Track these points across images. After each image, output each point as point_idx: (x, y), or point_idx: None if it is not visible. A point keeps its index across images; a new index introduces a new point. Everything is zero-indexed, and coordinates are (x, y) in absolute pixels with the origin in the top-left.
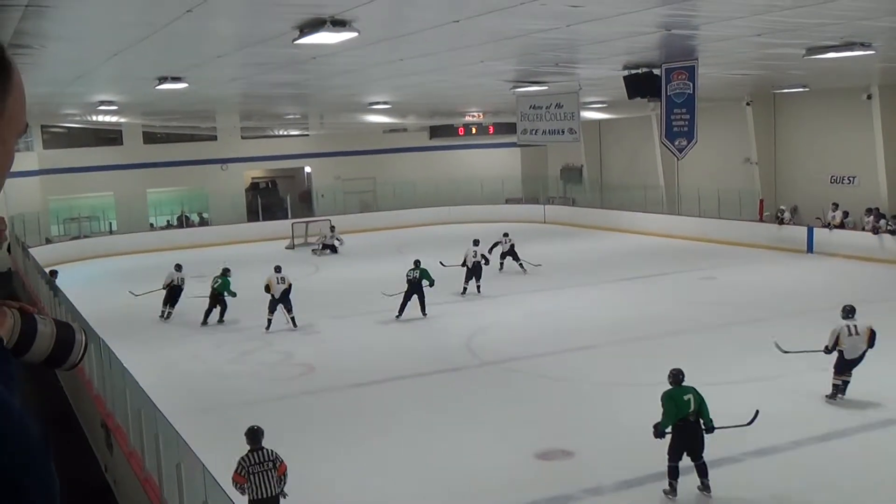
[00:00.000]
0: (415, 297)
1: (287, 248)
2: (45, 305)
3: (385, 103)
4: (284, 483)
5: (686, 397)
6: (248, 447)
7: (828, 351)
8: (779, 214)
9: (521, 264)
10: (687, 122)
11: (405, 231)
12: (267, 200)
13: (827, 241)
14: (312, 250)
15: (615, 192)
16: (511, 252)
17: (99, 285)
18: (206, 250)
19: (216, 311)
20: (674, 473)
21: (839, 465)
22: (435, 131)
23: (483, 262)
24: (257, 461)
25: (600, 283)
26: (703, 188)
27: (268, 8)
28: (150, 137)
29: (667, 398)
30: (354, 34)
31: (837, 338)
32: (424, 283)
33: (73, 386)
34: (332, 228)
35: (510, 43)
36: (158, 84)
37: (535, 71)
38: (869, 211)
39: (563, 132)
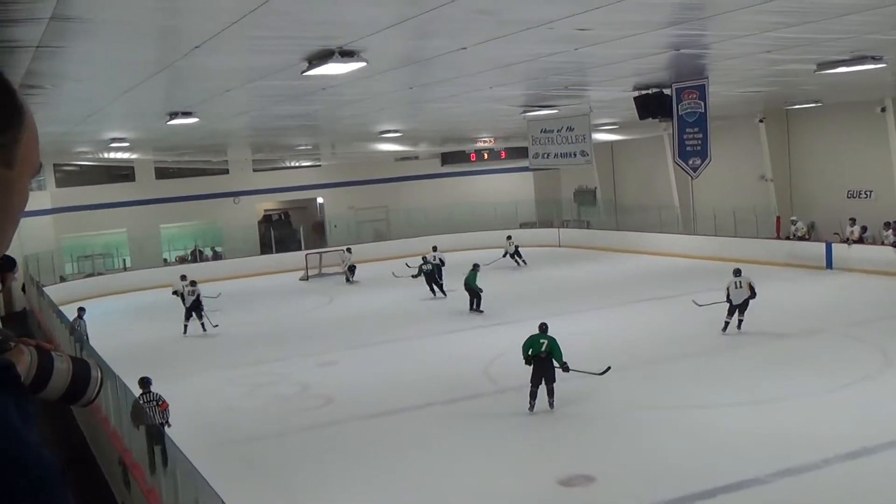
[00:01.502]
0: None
1: (301, 279)
2: (61, 343)
3: (396, 131)
4: (167, 417)
5: (541, 341)
6: (141, 391)
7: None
8: (793, 227)
9: (523, 260)
10: (700, 141)
11: (418, 259)
12: (280, 232)
13: (846, 256)
14: (347, 279)
15: (630, 214)
16: (516, 252)
17: (114, 322)
18: (220, 284)
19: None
20: (532, 395)
21: (868, 482)
22: (447, 158)
23: (441, 264)
24: (146, 401)
25: (618, 305)
26: (718, 207)
27: (275, 41)
28: (162, 173)
29: (527, 339)
30: (363, 64)
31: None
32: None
33: (89, 423)
34: (349, 250)
35: (519, 68)
36: (169, 119)
37: (545, 95)
38: (887, 225)
39: (575, 155)
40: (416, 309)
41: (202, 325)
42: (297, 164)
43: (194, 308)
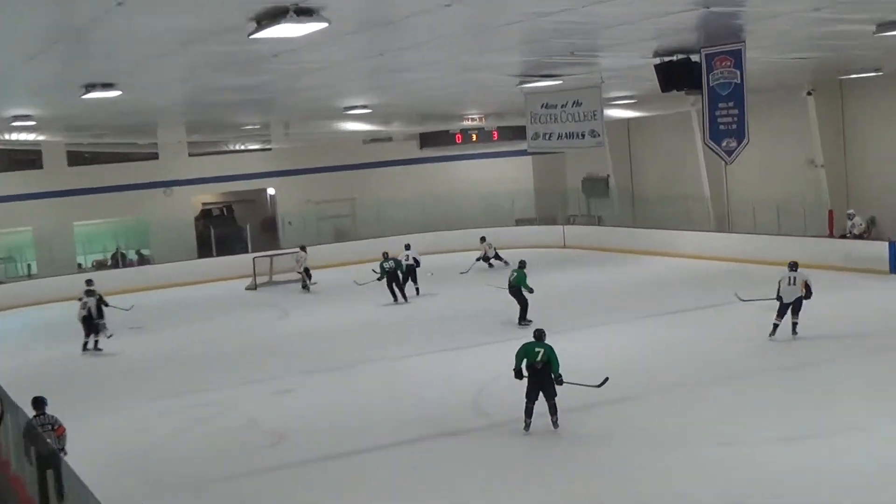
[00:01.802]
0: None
1: (248, 288)
2: None
3: (364, 107)
4: (64, 443)
5: (537, 350)
6: (35, 412)
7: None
8: (848, 223)
9: (504, 261)
10: (735, 119)
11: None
12: (222, 231)
13: None
14: (303, 286)
15: (650, 207)
16: (496, 256)
17: (16, 341)
18: (148, 294)
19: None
20: (528, 412)
21: None
22: (426, 140)
23: (416, 264)
24: (40, 424)
25: (638, 318)
26: (758, 199)
27: None
28: (76, 158)
29: (521, 348)
30: (324, 24)
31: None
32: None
33: None
34: (303, 248)
35: (515, 29)
36: (85, 93)
37: (547, 62)
38: None
39: (583, 135)
40: (386, 323)
41: (95, 342)
42: (242, 148)
43: (91, 320)
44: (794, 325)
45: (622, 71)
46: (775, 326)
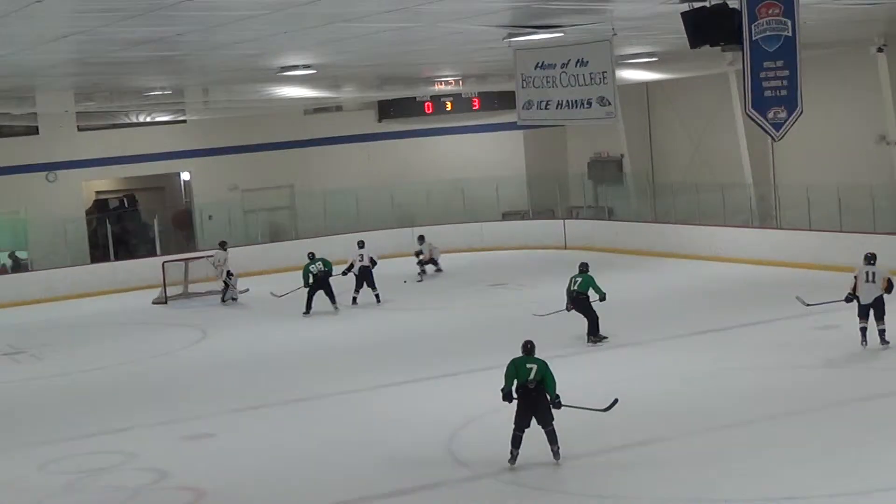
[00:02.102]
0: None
1: (156, 301)
2: None
3: (306, 67)
4: None
5: (529, 366)
6: None
7: (848, 299)
8: None
9: (438, 269)
10: (785, 83)
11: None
12: (122, 228)
13: None
14: (224, 298)
15: (676, 197)
16: (431, 261)
17: None
18: (26, 310)
19: None
20: (515, 442)
21: None
22: (387, 109)
23: (371, 265)
24: None
25: (659, 339)
26: (814, 186)
27: None
28: None
29: (509, 365)
30: None
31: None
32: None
33: None
34: (223, 244)
35: None
36: None
37: (543, 9)
38: None
39: (589, 104)
40: (335, 346)
41: None
42: (148, 120)
43: None
44: (882, 332)
45: (640, 20)
46: (863, 330)
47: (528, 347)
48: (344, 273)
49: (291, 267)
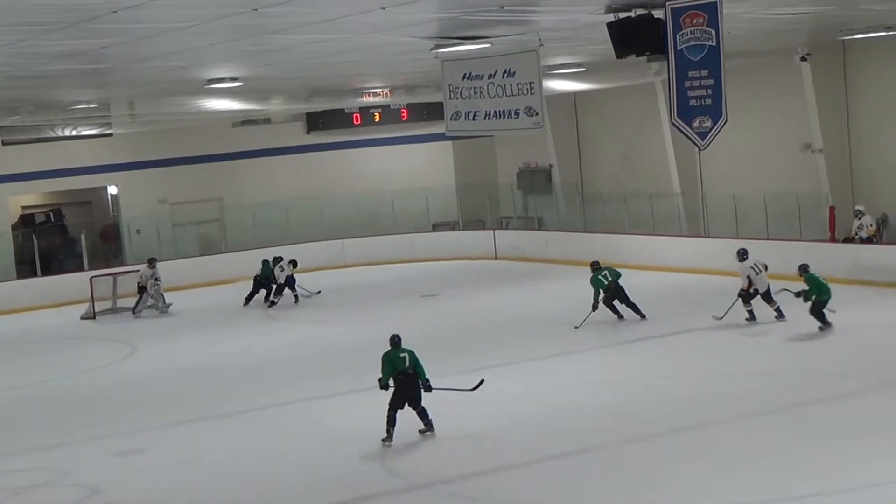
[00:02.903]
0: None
1: (84, 317)
2: None
3: (234, 79)
4: None
5: (402, 355)
6: None
7: (743, 293)
8: (855, 223)
9: (296, 296)
10: (710, 92)
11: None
12: (48, 243)
13: None
14: (134, 310)
15: (605, 207)
16: (287, 282)
17: None
18: None
19: None
20: (391, 421)
21: None
22: (315, 121)
23: (293, 266)
24: None
25: (590, 348)
26: (741, 194)
27: None
28: None
29: (385, 358)
30: None
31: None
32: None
33: None
34: (152, 263)
35: None
36: None
37: (469, 20)
38: None
39: (517, 114)
40: (263, 358)
41: None
42: (74, 134)
43: None
44: (778, 309)
45: (567, 31)
46: (750, 313)
47: (396, 341)
48: (275, 296)
49: (221, 280)
